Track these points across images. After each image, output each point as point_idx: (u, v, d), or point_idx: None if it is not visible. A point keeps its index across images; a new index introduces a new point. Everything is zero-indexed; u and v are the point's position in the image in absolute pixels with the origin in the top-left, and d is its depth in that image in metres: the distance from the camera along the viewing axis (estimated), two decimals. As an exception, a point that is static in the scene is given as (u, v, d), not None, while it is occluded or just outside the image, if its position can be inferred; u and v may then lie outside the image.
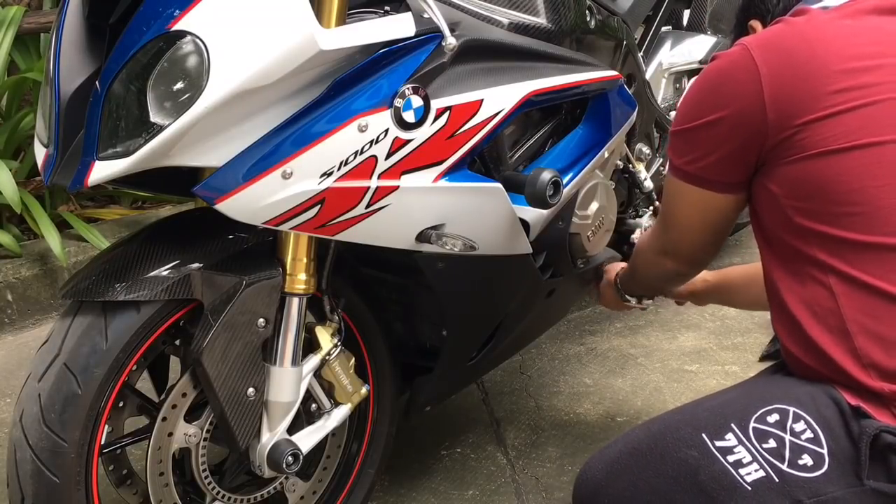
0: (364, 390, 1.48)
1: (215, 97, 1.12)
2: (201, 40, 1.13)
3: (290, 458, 1.35)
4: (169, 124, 1.13)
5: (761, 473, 1.04)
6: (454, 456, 1.89)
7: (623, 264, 1.82)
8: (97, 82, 1.20)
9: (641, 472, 1.12)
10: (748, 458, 1.06)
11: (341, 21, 1.22)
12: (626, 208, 2.14)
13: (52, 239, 2.59)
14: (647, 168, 2.13)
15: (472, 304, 1.55)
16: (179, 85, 1.14)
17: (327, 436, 1.46)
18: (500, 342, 1.69)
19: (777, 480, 1.04)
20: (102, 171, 1.16)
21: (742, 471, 1.05)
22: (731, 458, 1.06)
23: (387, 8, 1.30)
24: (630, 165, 2.07)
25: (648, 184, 2.09)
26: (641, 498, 1.11)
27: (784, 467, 1.04)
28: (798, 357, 1.15)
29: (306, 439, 1.41)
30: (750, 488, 1.04)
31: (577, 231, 1.73)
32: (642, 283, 1.67)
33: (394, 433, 1.64)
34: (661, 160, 2.22)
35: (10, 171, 2.59)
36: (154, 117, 1.14)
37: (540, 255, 1.66)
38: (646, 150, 2.14)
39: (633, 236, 2.10)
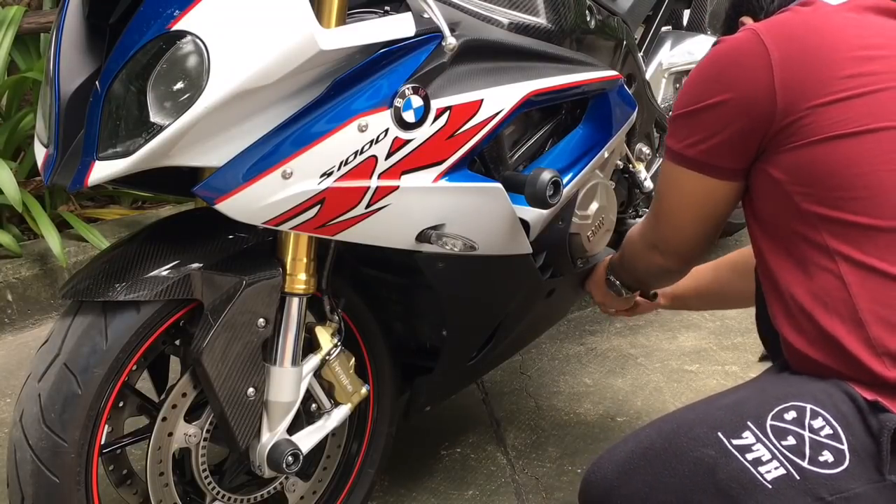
0: (364, 390, 1.48)
1: (215, 97, 1.12)
2: (201, 40, 1.13)
3: (290, 458, 1.35)
4: (169, 124, 1.13)
5: (782, 471, 1.02)
6: (454, 456, 1.89)
7: None
8: (97, 82, 1.20)
9: (656, 471, 1.10)
10: (767, 456, 1.04)
11: (341, 21, 1.22)
12: (626, 208, 2.14)
13: (52, 239, 2.59)
14: (647, 168, 2.13)
15: (472, 305, 1.55)
16: (179, 85, 1.14)
17: (327, 436, 1.46)
18: (500, 342, 1.69)
19: (798, 478, 1.02)
20: (102, 171, 1.16)
21: (762, 469, 1.03)
22: (749, 456, 1.04)
23: (387, 8, 1.30)
24: (630, 165, 2.07)
25: (648, 184, 2.08)
26: (657, 498, 1.09)
27: (805, 464, 1.02)
28: (805, 353, 1.14)
29: (306, 439, 1.41)
30: (771, 486, 1.02)
31: (577, 231, 1.73)
32: (629, 271, 1.65)
33: (394, 433, 1.64)
34: (661, 160, 2.22)
35: (10, 170, 2.59)
36: (154, 117, 1.14)
37: (540, 255, 1.66)
38: (646, 150, 2.14)
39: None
